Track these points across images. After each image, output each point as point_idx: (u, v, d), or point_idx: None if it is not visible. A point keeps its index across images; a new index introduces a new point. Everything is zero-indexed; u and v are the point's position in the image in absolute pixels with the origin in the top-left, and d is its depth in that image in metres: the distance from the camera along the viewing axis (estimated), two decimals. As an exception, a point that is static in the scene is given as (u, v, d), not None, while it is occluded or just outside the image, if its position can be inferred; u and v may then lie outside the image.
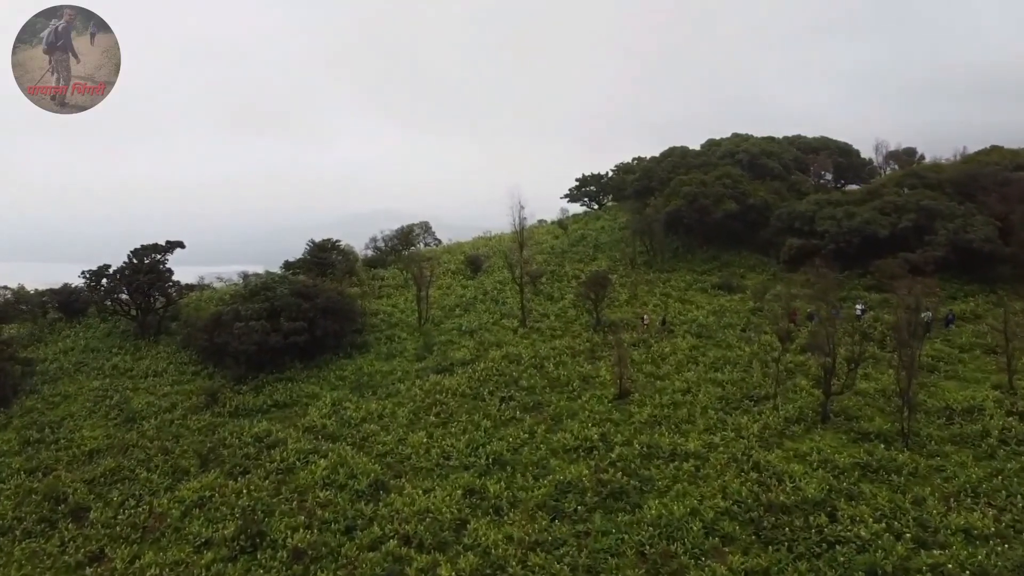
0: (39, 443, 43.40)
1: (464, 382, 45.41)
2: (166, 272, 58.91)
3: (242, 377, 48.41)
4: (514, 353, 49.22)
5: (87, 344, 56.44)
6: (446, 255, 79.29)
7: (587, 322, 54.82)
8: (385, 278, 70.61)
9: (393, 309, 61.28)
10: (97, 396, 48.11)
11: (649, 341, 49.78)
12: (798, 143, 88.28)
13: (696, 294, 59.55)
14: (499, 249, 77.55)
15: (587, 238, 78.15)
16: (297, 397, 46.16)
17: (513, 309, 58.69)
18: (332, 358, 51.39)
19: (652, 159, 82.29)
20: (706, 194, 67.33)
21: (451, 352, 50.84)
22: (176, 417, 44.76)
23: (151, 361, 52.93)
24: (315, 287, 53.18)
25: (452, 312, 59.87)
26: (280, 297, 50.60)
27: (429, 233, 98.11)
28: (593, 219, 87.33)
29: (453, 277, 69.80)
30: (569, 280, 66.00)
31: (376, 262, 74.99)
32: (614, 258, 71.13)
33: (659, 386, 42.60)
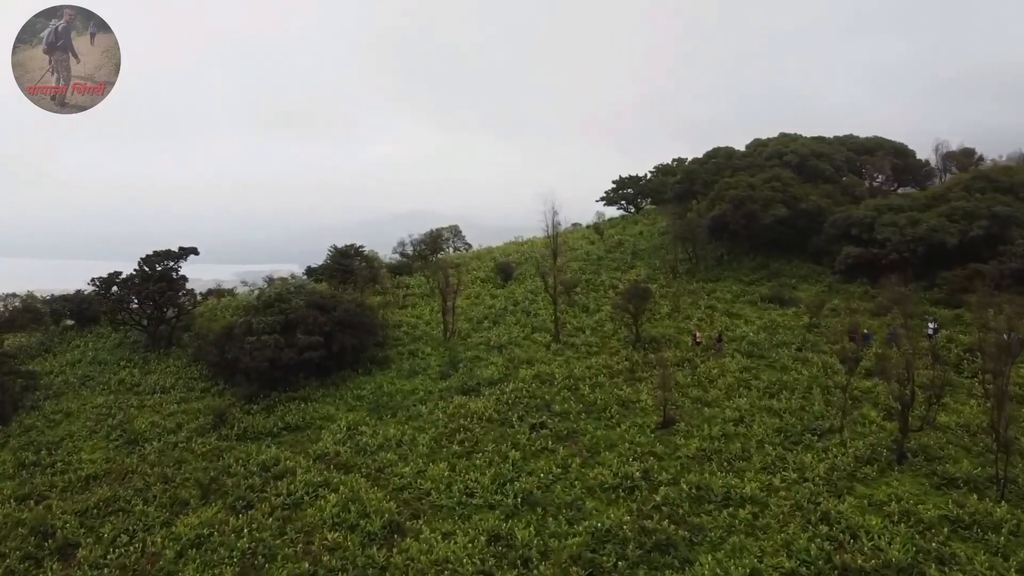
0: (34, 466, 40.33)
1: (491, 405, 41.49)
2: (179, 280, 55.88)
3: (253, 395, 45.00)
4: (546, 372, 45.21)
5: (95, 356, 53.59)
6: (475, 261, 75.56)
7: (625, 337, 50.58)
8: (410, 286, 67.00)
9: (417, 320, 57.56)
10: (100, 414, 45.02)
11: (695, 361, 45.42)
12: (849, 143, 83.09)
13: (744, 307, 54.95)
14: (531, 255, 73.68)
15: (625, 244, 73.87)
16: (311, 419, 42.53)
17: (545, 322, 54.67)
18: (350, 375, 47.76)
19: (694, 160, 77.68)
20: (754, 198, 62.70)
21: (478, 370, 46.93)
22: (180, 440, 41.39)
23: (159, 376, 49.79)
24: (333, 298, 49.54)
25: (480, 324, 56.00)
26: (295, 309, 47.07)
27: (459, 237, 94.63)
28: (631, 223, 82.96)
29: (482, 286, 65.97)
30: (606, 290, 61.80)
31: (402, 269, 71.35)
32: (654, 266, 66.78)
33: (707, 414, 38.31)
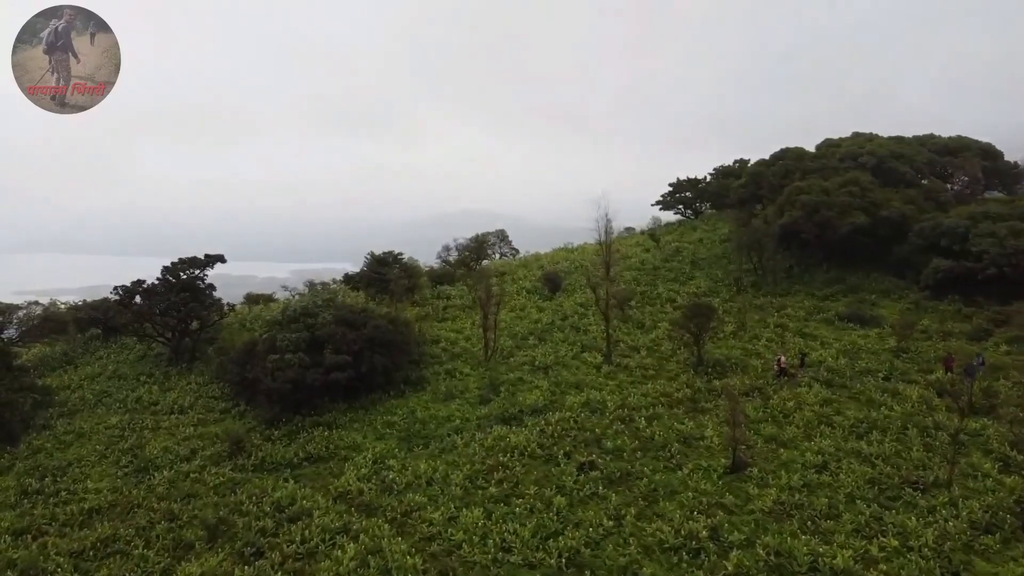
0: (37, 495, 37.08)
1: (534, 438, 36.85)
2: (205, 289, 52.53)
3: (275, 419, 41.18)
4: (597, 400, 40.41)
5: (116, 370, 50.52)
6: (522, 269, 70.90)
7: (686, 360, 45.46)
8: (451, 296, 62.64)
9: (457, 336, 53.15)
10: (112, 436, 41.72)
11: (766, 390, 40.10)
12: (930, 144, 76.34)
13: (819, 326, 49.27)
14: (581, 263, 68.75)
15: (683, 252, 68.47)
16: (335, 449, 38.40)
17: (596, 340, 49.81)
18: (381, 397, 43.56)
19: (760, 162, 71.81)
20: (829, 204, 56.87)
21: (520, 395, 42.32)
22: (193, 469, 37.70)
23: (179, 394, 46.33)
24: (364, 313, 45.37)
25: (525, 341, 51.35)
26: (322, 325, 43.06)
27: (505, 242, 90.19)
28: (689, 230, 77.43)
29: (528, 297, 61.26)
30: (662, 304, 56.63)
31: (443, 277, 66.99)
32: (715, 277, 61.35)
33: (784, 457, 33.07)
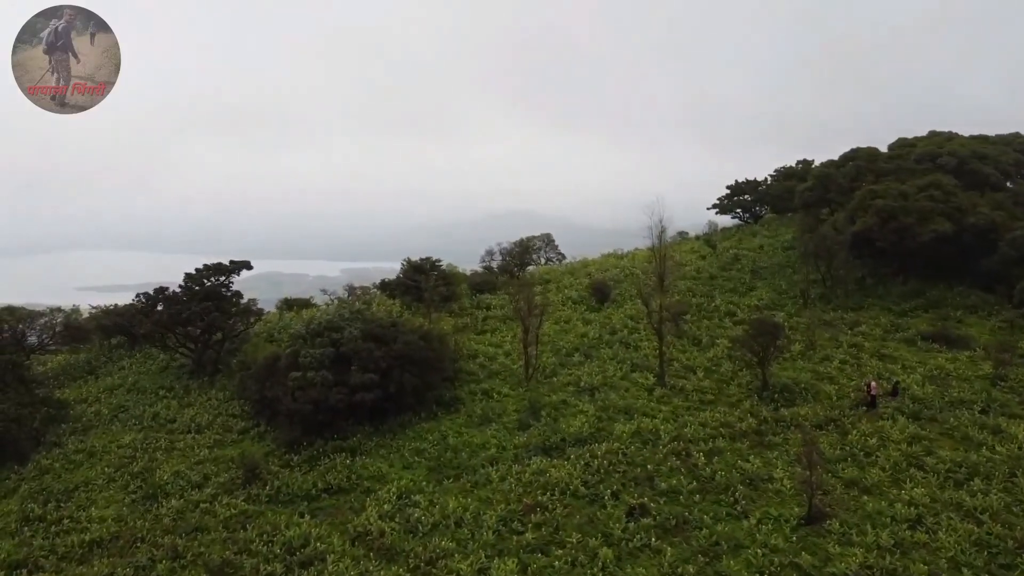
0: (39, 522, 34.34)
1: (578, 473, 32.78)
2: (231, 297, 49.55)
3: (295, 442, 37.84)
4: (649, 429, 36.19)
5: (136, 382, 47.87)
6: (568, 277, 66.64)
7: (748, 383, 40.88)
8: (492, 306, 58.70)
9: (496, 351, 49.19)
10: (123, 458, 38.84)
11: (843, 422, 35.35)
12: (1016, 143, 70.17)
13: (899, 347, 44.16)
14: (631, 272, 64.24)
15: (742, 260, 63.53)
16: (357, 479, 34.78)
17: (648, 358, 45.45)
18: (411, 420, 39.84)
19: (828, 163, 66.40)
20: (907, 209, 51.52)
21: (563, 421, 38.26)
22: (204, 498, 34.49)
23: (197, 411, 43.32)
24: (393, 327, 41.70)
25: (569, 358, 47.16)
26: (348, 340, 39.56)
27: (551, 247, 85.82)
28: (748, 235, 72.31)
29: (574, 308, 56.96)
30: (721, 318, 51.93)
31: (484, 285, 63.03)
32: (778, 288, 56.37)
33: (869, 507, 28.44)
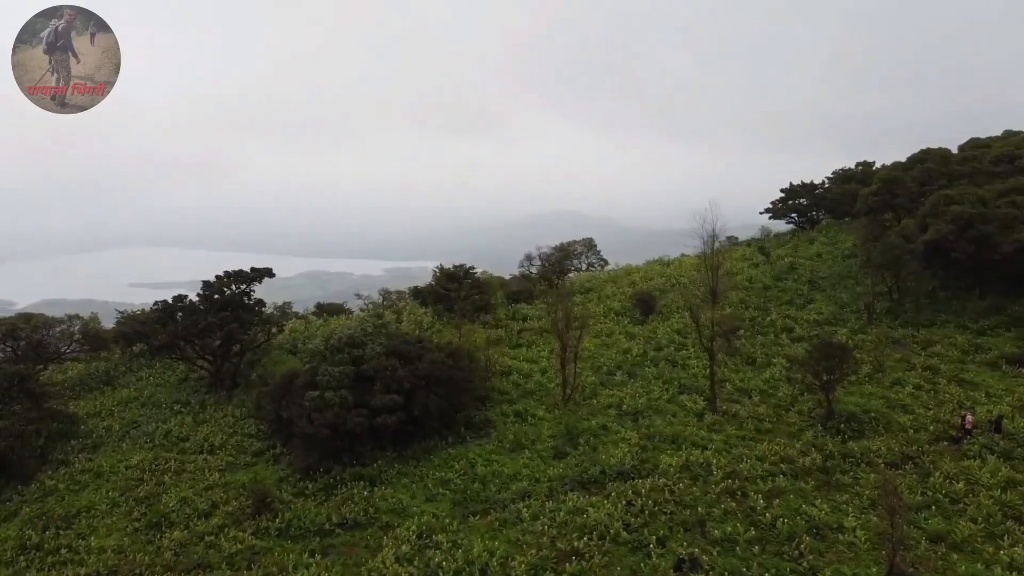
0: (36, 550, 31.77)
1: (619, 514, 29.14)
2: (253, 306, 46.89)
3: (311, 468, 34.85)
4: (699, 462, 32.42)
5: (152, 394, 45.48)
6: (609, 285, 62.87)
7: (811, 411, 36.80)
8: (528, 317, 55.21)
9: (532, 367, 45.67)
10: (130, 480, 36.26)
11: (922, 460, 31.14)
12: (1103, 144, 64.35)
13: (980, 371, 39.63)
14: (678, 280, 60.28)
15: (798, 269, 59.12)
16: (375, 512, 31.54)
17: (698, 379, 41.60)
18: (437, 445, 36.57)
19: (895, 166, 61.57)
20: (987, 216, 46.75)
21: (603, 449, 34.64)
22: (210, 529, 31.59)
23: (211, 428, 40.65)
24: (419, 344, 38.50)
25: (611, 377, 43.47)
26: (370, 358, 36.47)
27: (592, 251, 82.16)
28: (804, 242, 67.66)
29: (616, 320, 53.15)
30: (777, 334, 47.73)
31: (521, 294, 59.59)
32: (838, 301, 51.92)
33: (961, 568, 24.35)
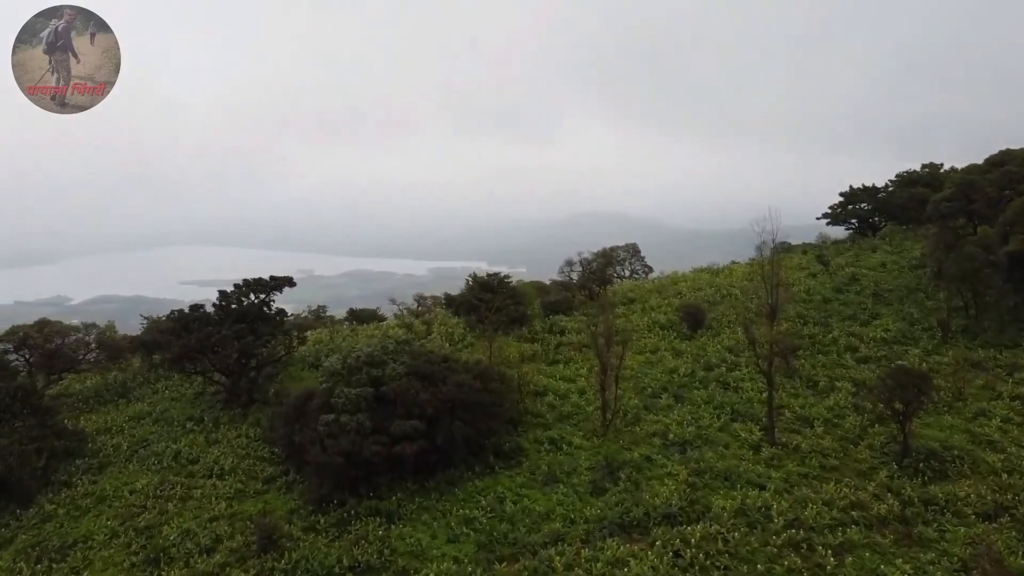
0: (26, 586, 29.45)
1: (664, 568, 25.52)
2: (273, 316, 44.13)
3: (324, 500, 31.80)
4: (756, 506, 28.59)
5: (166, 410, 42.97)
6: (654, 295, 58.82)
7: (883, 445, 32.65)
8: (567, 330, 51.50)
9: (568, 387, 42.03)
10: (133, 507, 33.55)
11: (1019, 512, 26.85)
12: None
13: (1079, 403, 34.97)
14: (728, 291, 56.09)
15: (860, 280, 54.49)
16: (391, 555, 28.24)
17: (753, 404, 37.64)
18: (462, 475, 33.22)
19: (971, 168, 56.50)
20: (1080, 226, 41.81)
21: (647, 486, 30.94)
22: (211, 568, 28.63)
23: (223, 450, 37.85)
24: (445, 363, 35.16)
25: (656, 400, 39.67)
26: (390, 379, 33.27)
27: (636, 258, 78.19)
28: (865, 251, 62.80)
29: (662, 335, 49.14)
30: (840, 352, 43.47)
31: (559, 305, 55.87)
32: (907, 317, 47.35)
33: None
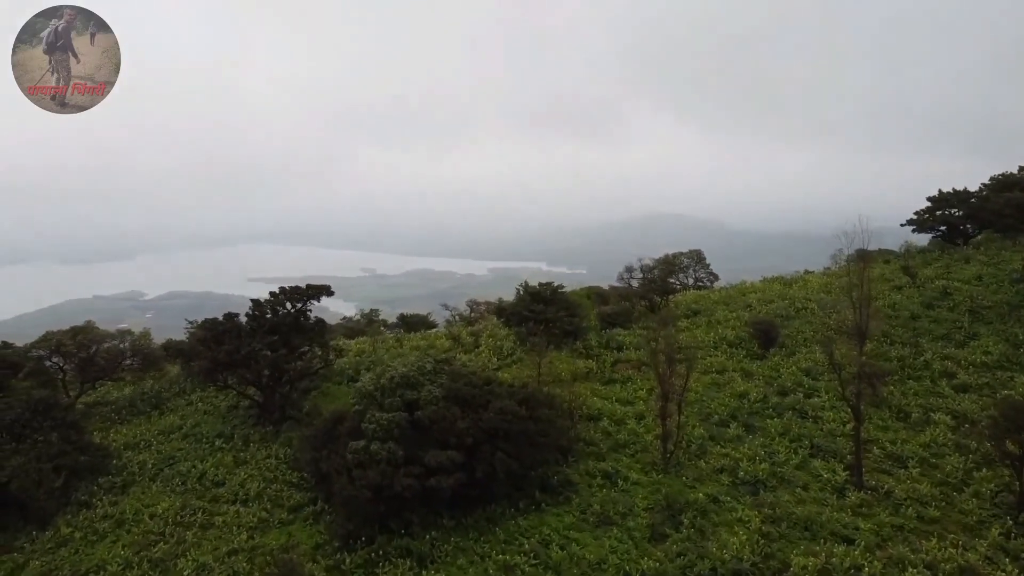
0: (31, 621, 27.19)
1: (736, 641, 21.66)
2: (310, 327, 41.45)
3: (351, 536, 28.75)
4: (843, 567, 24.44)
5: (197, 424, 40.69)
6: (721, 308, 54.16)
7: (993, 494, 28.02)
8: (625, 345, 47.49)
9: (625, 411, 38.15)
10: (150, 534, 31.07)
11: None
12: None
13: None
14: (804, 304, 51.30)
15: (953, 295, 49.05)
16: (421, 606, 25.27)
17: (835, 438, 33.22)
18: (504, 512, 29.80)
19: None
20: None
21: (714, 534, 27.01)
22: (224, 612, 26.05)
23: (250, 472, 35.17)
24: (487, 387, 31.76)
25: (723, 429, 35.52)
26: (426, 403, 30.07)
27: (701, 265, 73.60)
28: (958, 262, 56.98)
29: (729, 353, 44.65)
30: (935, 378, 38.61)
31: (617, 317, 51.70)
32: (1011, 338, 42.08)
33: None
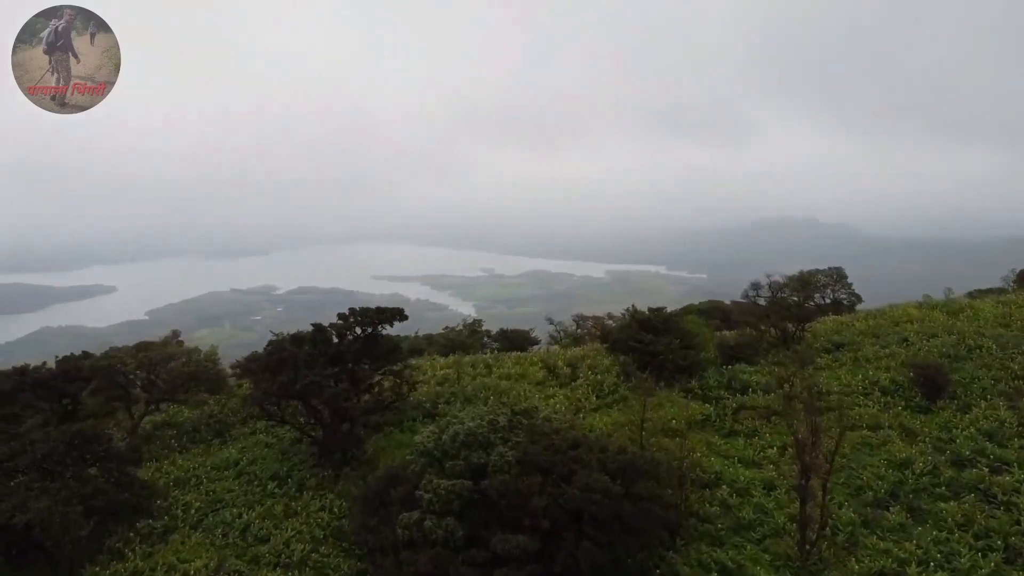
0: None
1: None
2: (383, 355, 36.28)
3: (399, 631, 23.14)
4: None
5: (254, 460, 36.11)
6: (869, 341, 44.86)
7: None
8: (751, 386, 39.54)
9: (751, 477, 30.59)
10: (176, 601, 26.69)
11: None
12: None
13: None
14: (977, 340, 41.69)
15: None
16: None
17: (1040, 538, 24.78)
18: (590, 613, 23.44)
19: None
20: None
21: None
22: None
23: (299, 529, 30.00)
24: (574, 451, 25.17)
25: (880, 512, 27.51)
26: (496, 470, 23.98)
27: (841, 284, 64.18)
28: None
29: (883, 404, 36.04)
30: None
31: (741, 349, 43.54)
32: None
33: None
